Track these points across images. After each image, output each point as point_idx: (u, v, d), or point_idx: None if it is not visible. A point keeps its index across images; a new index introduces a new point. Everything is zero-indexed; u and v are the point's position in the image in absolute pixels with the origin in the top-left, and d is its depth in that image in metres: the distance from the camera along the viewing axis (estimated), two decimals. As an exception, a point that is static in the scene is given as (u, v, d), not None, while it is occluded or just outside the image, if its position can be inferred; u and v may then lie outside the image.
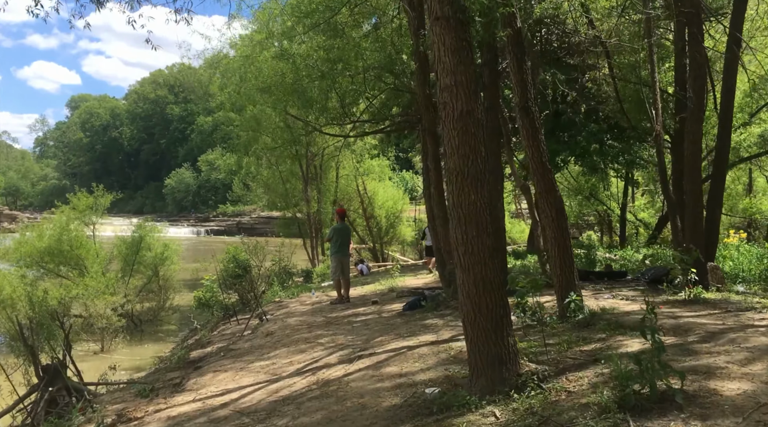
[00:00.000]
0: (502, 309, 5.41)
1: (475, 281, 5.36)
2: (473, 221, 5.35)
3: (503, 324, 5.40)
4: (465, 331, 5.53)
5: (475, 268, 5.35)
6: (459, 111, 5.33)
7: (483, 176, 5.40)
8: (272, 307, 16.56)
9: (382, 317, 11.13)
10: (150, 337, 21.72)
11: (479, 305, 5.36)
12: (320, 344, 9.21)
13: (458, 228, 5.41)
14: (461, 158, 5.35)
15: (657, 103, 13.87)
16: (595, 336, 6.82)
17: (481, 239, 5.35)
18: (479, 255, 5.35)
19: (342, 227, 14.34)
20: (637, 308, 8.49)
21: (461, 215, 5.38)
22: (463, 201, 5.37)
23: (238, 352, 10.16)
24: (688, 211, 12.38)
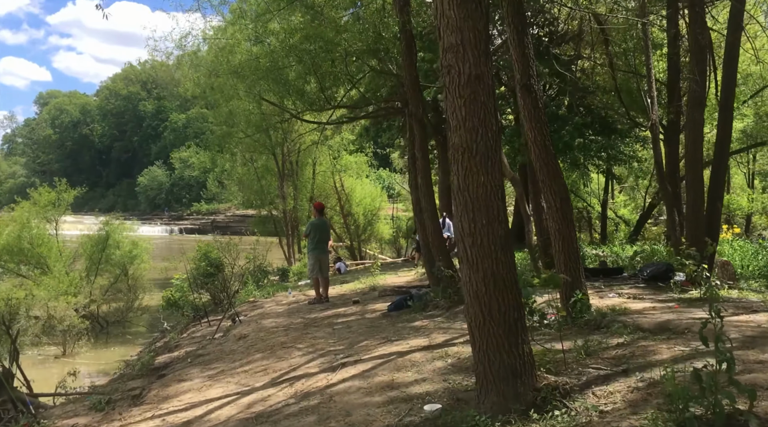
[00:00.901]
0: (516, 312, 4.57)
1: (484, 279, 4.51)
2: (483, 207, 4.50)
3: (517, 329, 4.56)
4: (471, 337, 4.68)
5: (485, 262, 4.51)
6: (466, 75, 4.47)
7: (494, 154, 4.55)
8: (246, 307, 15.62)
9: (366, 319, 10.27)
10: (116, 339, 20.62)
11: (489, 306, 4.51)
12: (298, 349, 8.31)
13: (464, 216, 4.56)
14: (469, 132, 4.50)
15: (652, 92, 13.16)
16: (612, 341, 6.00)
17: (491, 229, 4.51)
18: (489, 247, 4.51)
19: (320, 223, 13.44)
20: (649, 306, 7.71)
21: (468, 199, 4.53)
22: (471, 183, 4.52)
23: (207, 358, 9.23)
24: (689, 204, 11.69)
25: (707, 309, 7.03)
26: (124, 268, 24.28)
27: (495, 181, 4.54)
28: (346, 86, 12.63)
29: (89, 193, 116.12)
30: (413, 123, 10.20)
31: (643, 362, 4.97)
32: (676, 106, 15.24)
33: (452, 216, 13.00)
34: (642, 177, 31.02)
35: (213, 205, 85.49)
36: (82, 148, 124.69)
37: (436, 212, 10.50)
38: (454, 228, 4.63)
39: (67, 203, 22.82)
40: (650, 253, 15.78)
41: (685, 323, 6.14)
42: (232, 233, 48.67)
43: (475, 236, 4.52)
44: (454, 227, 4.72)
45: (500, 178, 4.58)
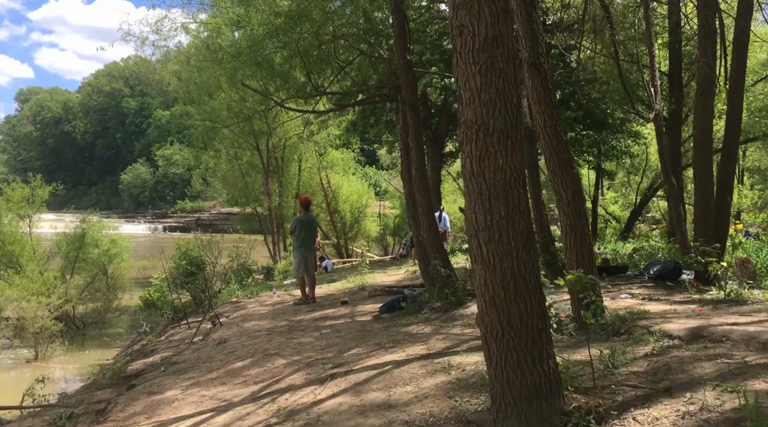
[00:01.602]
0: (541, 320, 3.84)
1: (503, 281, 3.78)
2: (501, 196, 3.77)
3: (542, 341, 3.83)
4: (486, 350, 3.95)
5: (504, 262, 3.77)
6: (482, 37, 3.73)
7: (515, 132, 3.82)
8: (228, 308, 14.82)
9: (356, 322, 9.51)
10: (93, 341, 19.75)
11: (509, 314, 3.78)
12: (282, 356, 7.54)
13: (479, 206, 3.82)
14: (484, 106, 3.76)
15: (655, 81, 12.46)
16: (638, 350, 5.29)
17: (511, 221, 3.78)
18: (509, 244, 3.77)
19: (306, 219, 12.66)
20: (669, 309, 7.01)
21: (484, 187, 3.79)
22: (487, 167, 3.78)
23: (183, 366, 8.44)
24: (698, 198, 11.01)
25: (738, 313, 6.37)
26: (103, 267, 23.43)
27: (515, 164, 3.80)
28: (335, 72, 11.83)
29: (72, 191, 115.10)
30: (407, 110, 9.44)
31: (685, 379, 4.25)
32: (678, 96, 14.62)
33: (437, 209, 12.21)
34: (634, 173, 30.52)
35: (198, 203, 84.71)
36: (64, 146, 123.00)
37: (431, 207, 9.76)
38: (465, 220, 3.83)
39: (41, 200, 21.87)
40: (650, 250, 15.17)
41: (721, 329, 5.43)
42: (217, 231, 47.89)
43: (492, 230, 3.78)
44: (466, 219, 3.98)
45: (521, 161, 3.85)
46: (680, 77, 14.84)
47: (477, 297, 4.00)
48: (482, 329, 3.93)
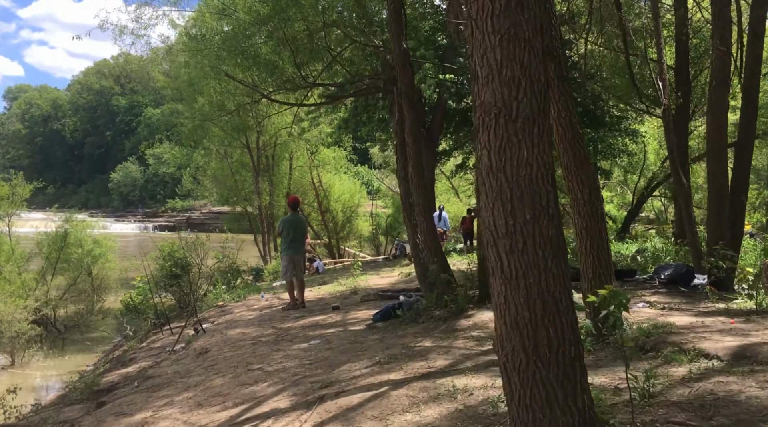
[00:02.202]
0: (574, 348, 3.16)
1: (528, 299, 3.09)
2: (526, 195, 3.08)
3: (575, 373, 3.14)
4: (507, 384, 3.26)
5: (529, 276, 3.08)
6: (503, 1, 3.05)
7: (543, 118, 3.13)
8: (214, 313, 14.12)
9: (348, 331, 8.80)
10: (75, 346, 18.96)
11: (535, 340, 3.09)
12: (266, 372, 6.83)
13: (498, 207, 3.13)
14: (506, 85, 3.08)
15: (664, 74, 11.79)
16: (672, 372, 4.61)
17: (539, 226, 3.09)
18: (536, 254, 3.09)
19: (294, 219, 11.94)
20: (696, 322, 6.33)
21: (504, 184, 3.11)
22: (509, 161, 3.09)
23: (158, 381, 7.72)
24: (711, 198, 10.40)
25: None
26: (88, 268, 22.67)
27: (543, 157, 3.11)
28: (325, 62, 11.10)
29: (61, 189, 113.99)
30: (403, 103, 8.75)
31: (740, 413, 3.58)
32: (685, 91, 13.99)
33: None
34: (632, 172, 29.95)
35: (188, 202, 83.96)
36: (53, 144, 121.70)
37: (429, 207, 9.08)
38: (482, 225, 3.11)
39: (21, 198, 21.05)
40: (654, 251, 14.54)
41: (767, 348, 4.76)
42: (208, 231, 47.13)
43: (515, 237, 3.09)
44: (482, 223, 3.28)
45: (550, 153, 3.16)
46: (687, 71, 14.21)
47: (495, 318, 3.30)
48: (502, 356, 3.24)
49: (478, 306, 8.44)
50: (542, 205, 3.09)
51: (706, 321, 6.27)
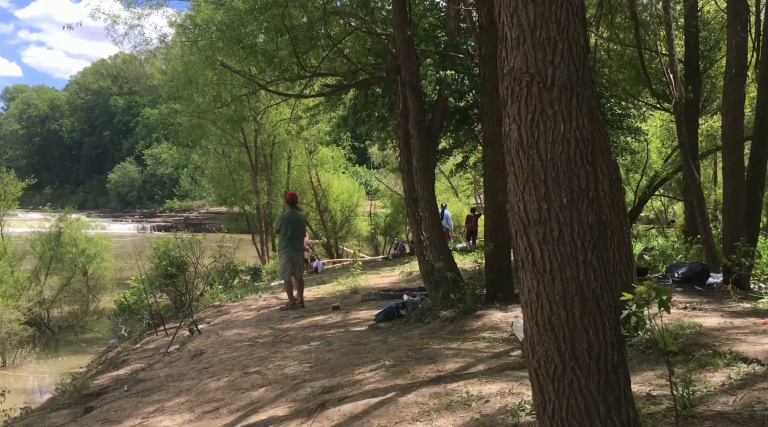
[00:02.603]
0: (617, 353, 2.74)
1: (564, 297, 2.67)
2: (563, 176, 2.66)
3: (619, 382, 2.72)
4: (538, 392, 2.83)
5: (566, 269, 2.66)
6: (537, -52, 2.63)
7: (583, 86, 2.72)
8: (210, 313, 13.69)
9: (350, 332, 8.38)
10: (69, 347, 18.57)
11: (572, 343, 2.67)
12: (263, 375, 6.41)
13: (530, 191, 2.72)
14: (540, 48, 2.66)
15: (674, 66, 11.42)
16: (710, 378, 4.20)
17: (577, 212, 2.68)
18: (573, 244, 2.67)
19: (292, 216, 11.51)
20: (724, 322, 5.91)
21: (537, 163, 2.69)
22: (543, 136, 2.68)
23: (149, 385, 7.29)
24: (727, 193, 9.99)
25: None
26: (83, 267, 22.30)
27: (583, 132, 2.69)
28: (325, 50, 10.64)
29: (59, 190, 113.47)
30: (407, 93, 8.34)
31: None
32: (695, 84, 13.58)
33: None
34: (634, 170, 29.56)
35: (186, 202, 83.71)
36: (51, 144, 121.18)
37: (434, 202, 8.66)
38: (510, 211, 2.67)
39: (13, 197, 20.61)
40: (662, 250, 14.13)
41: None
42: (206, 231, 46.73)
43: (550, 224, 2.67)
44: (510, 209, 2.86)
45: (590, 127, 2.74)
46: (697, 64, 13.80)
47: (524, 318, 2.88)
48: (532, 362, 2.82)
49: (486, 305, 8.03)
50: (581, 187, 2.67)
51: (735, 322, 5.85)
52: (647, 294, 3.12)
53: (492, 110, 8.48)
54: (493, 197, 8.51)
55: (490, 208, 8.57)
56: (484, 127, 8.59)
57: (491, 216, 8.54)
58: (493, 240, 8.35)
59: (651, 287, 3.14)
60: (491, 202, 8.56)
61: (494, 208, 8.51)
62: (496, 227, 8.54)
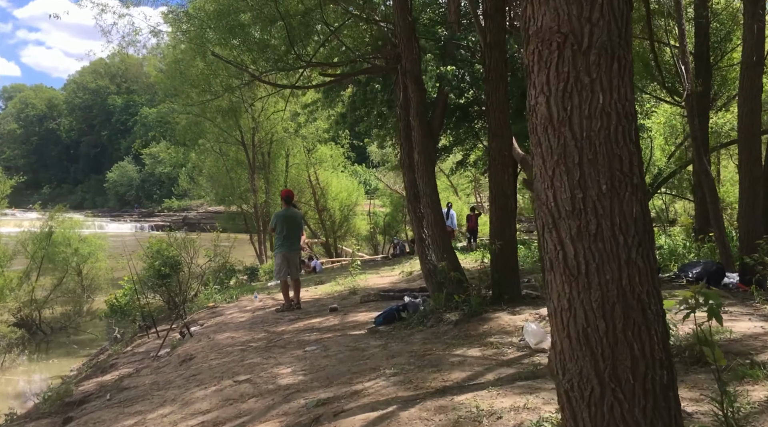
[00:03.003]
0: (667, 371, 2.27)
1: (603, 304, 2.21)
2: (602, 158, 2.20)
3: (669, 406, 2.26)
4: (570, 419, 2.37)
5: (606, 271, 2.20)
6: None
7: (625, 50, 2.26)
8: (204, 314, 13.26)
9: (348, 336, 7.91)
10: (60, 348, 18.08)
11: (613, 360, 2.21)
12: (254, 384, 5.94)
13: (561, 176, 2.25)
14: (574, 2, 2.20)
15: (686, 58, 10.95)
16: (752, 392, 3.74)
17: (619, 201, 2.22)
18: (614, 240, 2.21)
19: (288, 214, 11.04)
20: (756, 326, 5.45)
21: (570, 142, 2.23)
22: (577, 109, 2.21)
23: (132, 393, 6.83)
24: (744, 189, 9.52)
25: None
26: (77, 267, 21.86)
27: (626, 104, 2.23)
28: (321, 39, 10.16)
29: (57, 189, 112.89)
30: (408, 82, 7.87)
31: None
32: (705, 77, 13.14)
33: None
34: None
35: (185, 201, 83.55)
36: (49, 143, 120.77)
37: (437, 198, 8.19)
38: (535, 201, 2.18)
39: (2, 195, 20.13)
40: (669, 248, 13.67)
41: None
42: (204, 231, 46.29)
43: (585, 216, 2.21)
44: (535, 199, 2.40)
45: (633, 100, 2.27)
46: (708, 56, 13.35)
47: (553, 328, 2.42)
48: (563, 382, 2.35)
49: (493, 308, 7.56)
50: (623, 171, 2.21)
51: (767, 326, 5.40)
52: (694, 300, 2.65)
53: (497, 101, 8.03)
54: (498, 193, 8.05)
55: (496, 204, 8.10)
56: (489, 118, 8.12)
57: (497, 212, 8.07)
58: (499, 238, 7.88)
59: (698, 291, 2.68)
60: (497, 198, 8.09)
61: (500, 204, 8.05)
62: (503, 224, 8.08)
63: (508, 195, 8.07)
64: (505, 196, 8.07)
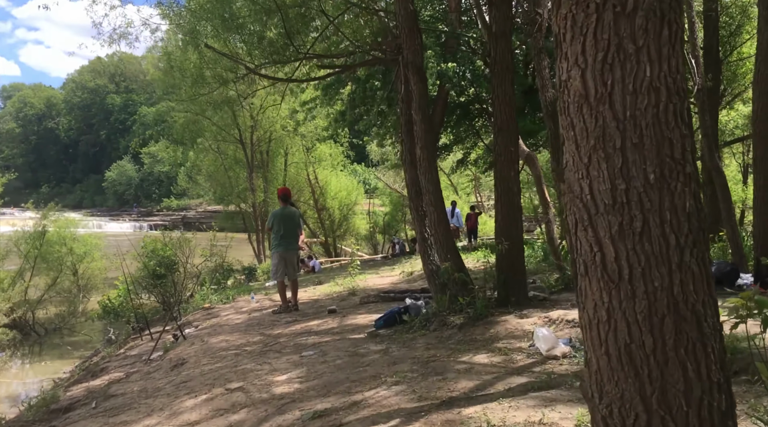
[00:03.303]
0: (726, 396, 1.92)
1: (650, 316, 1.85)
2: (650, 141, 1.84)
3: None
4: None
5: (654, 277, 1.85)
6: None
7: (675, 14, 1.89)
8: (200, 315, 12.91)
9: (347, 340, 7.55)
10: (53, 350, 17.74)
11: (662, 382, 1.85)
12: (247, 393, 5.58)
13: (599, 164, 1.90)
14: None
15: (696, 51, 10.60)
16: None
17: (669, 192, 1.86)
18: (663, 240, 1.85)
19: (285, 213, 10.68)
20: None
21: (611, 123, 1.87)
22: (619, 83, 1.86)
23: (119, 401, 6.46)
24: (758, 187, 9.17)
25: None
26: (73, 267, 21.52)
27: (677, 78, 1.87)
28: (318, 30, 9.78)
29: (55, 189, 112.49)
30: (410, 74, 7.50)
31: None
32: (715, 72, 12.78)
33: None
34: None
35: (184, 201, 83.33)
36: (48, 143, 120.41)
37: (440, 195, 7.83)
38: (566, 194, 1.81)
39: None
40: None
41: None
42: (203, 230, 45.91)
43: (629, 210, 1.85)
44: (566, 191, 2.04)
45: (684, 74, 1.92)
46: (717, 51, 13.00)
47: (587, 344, 2.06)
48: (599, 408, 1.99)
49: (499, 310, 7.21)
50: (674, 158, 1.86)
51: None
52: (746, 308, 2.30)
53: (503, 94, 7.67)
54: (504, 190, 7.69)
55: (502, 201, 7.74)
56: (495, 112, 7.76)
57: (503, 210, 7.72)
58: (505, 237, 7.53)
59: (750, 298, 2.32)
60: (502, 196, 7.74)
61: (506, 201, 7.69)
62: (509, 223, 7.73)
63: (514, 192, 7.72)
64: (512, 193, 7.72)
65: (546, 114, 9.86)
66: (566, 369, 4.94)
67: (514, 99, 7.76)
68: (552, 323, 6.32)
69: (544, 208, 11.16)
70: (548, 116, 9.79)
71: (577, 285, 2.08)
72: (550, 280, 9.54)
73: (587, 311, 2.01)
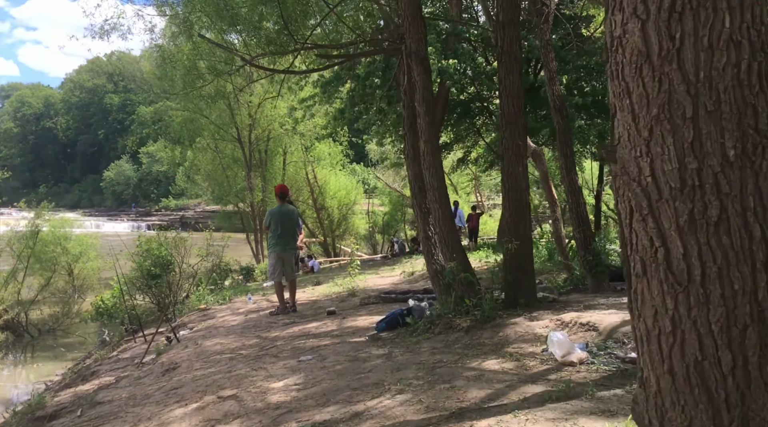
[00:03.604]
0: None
1: (728, 326, 1.49)
2: (727, 108, 1.48)
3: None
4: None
5: (733, 277, 1.48)
6: None
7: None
8: (195, 317, 12.58)
9: (347, 343, 7.19)
10: (46, 352, 17.40)
11: (742, 410, 1.49)
12: (240, 401, 5.22)
13: (662, 136, 1.54)
14: None
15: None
16: None
17: (753, 174, 1.50)
18: (746, 231, 1.49)
19: (282, 211, 10.32)
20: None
21: (679, 85, 1.51)
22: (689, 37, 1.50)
23: (105, 408, 6.10)
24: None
25: None
26: (68, 267, 21.20)
27: (761, 32, 1.51)
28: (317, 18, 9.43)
29: (53, 188, 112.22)
30: (413, 64, 7.15)
31: None
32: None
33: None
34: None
35: (182, 201, 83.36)
36: (46, 142, 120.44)
37: (445, 191, 7.47)
38: (616, 178, 1.44)
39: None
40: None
41: None
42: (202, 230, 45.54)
43: (701, 195, 1.49)
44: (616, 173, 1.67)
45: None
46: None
47: (642, 356, 1.69)
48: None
49: (507, 312, 6.85)
50: (758, 129, 1.50)
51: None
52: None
53: (510, 85, 7.33)
54: (512, 186, 7.34)
55: (509, 198, 7.39)
56: (502, 105, 7.42)
57: (510, 207, 7.37)
58: (513, 235, 7.17)
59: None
60: (510, 192, 7.39)
61: (514, 198, 7.34)
62: (517, 221, 7.38)
63: (522, 188, 7.37)
64: (520, 189, 7.37)
65: (553, 109, 9.52)
66: (584, 377, 4.58)
67: (521, 91, 7.42)
68: (565, 326, 5.96)
69: (551, 206, 10.81)
70: (555, 111, 9.45)
71: (630, 288, 1.71)
72: (557, 280, 9.20)
73: (645, 319, 1.65)
